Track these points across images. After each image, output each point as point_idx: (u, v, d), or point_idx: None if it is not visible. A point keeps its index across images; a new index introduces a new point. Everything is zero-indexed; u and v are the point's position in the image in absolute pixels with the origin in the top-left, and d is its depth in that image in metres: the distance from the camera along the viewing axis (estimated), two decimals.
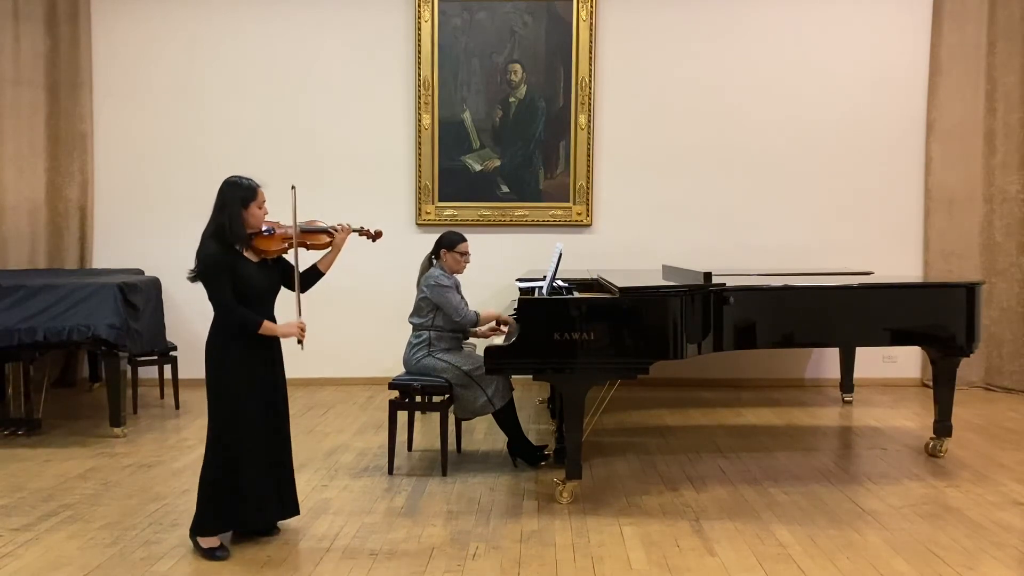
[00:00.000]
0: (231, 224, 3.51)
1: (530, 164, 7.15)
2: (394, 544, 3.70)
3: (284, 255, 3.73)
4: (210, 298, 3.55)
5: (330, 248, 3.83)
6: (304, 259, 3.75)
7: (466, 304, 4.81)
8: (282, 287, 3.76)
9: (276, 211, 3.75)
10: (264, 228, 3.64)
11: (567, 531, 3.86)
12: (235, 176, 3.60)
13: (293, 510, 3.81)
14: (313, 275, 3.87)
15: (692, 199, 7.15)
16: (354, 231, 3.93)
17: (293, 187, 3.74)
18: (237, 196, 3.54)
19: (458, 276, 4.92)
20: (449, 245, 4.87)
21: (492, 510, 4.14)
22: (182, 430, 5.73)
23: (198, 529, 3.59)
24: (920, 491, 4.41)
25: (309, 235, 3.78)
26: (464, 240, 4.91)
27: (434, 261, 4.91)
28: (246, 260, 3.59)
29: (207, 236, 3.54)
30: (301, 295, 3.75)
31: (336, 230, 3.82)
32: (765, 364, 7.16)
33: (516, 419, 4.85)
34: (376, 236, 4.05)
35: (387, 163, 7.17)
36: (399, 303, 6.27)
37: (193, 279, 3.57)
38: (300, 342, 3.70)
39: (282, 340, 3.72)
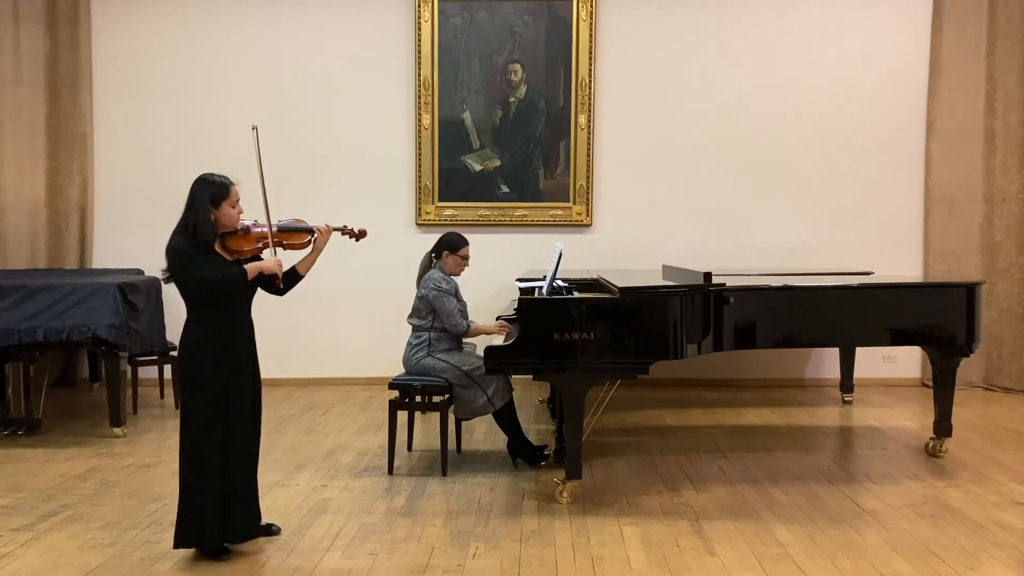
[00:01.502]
0: (199, 223, 3.40)
1: (530, 164, 7.15)
2: (394, 544, 3.70)
3: (260, 255, 3.60)
4: (184, 285, 3.41)
5: (311, 249, 3.68)
6: (284, 259, 3.65)
7: (463, 313, 4.82)
8: (259, 289, 3.63)
9: (255, 209, 3.66)
10: (239, 226, 3.52)
11: (567, 531, 3.85)
12: (208, 173, 3.49)
13: (257, 525, 3.67)
14: (292, 277, 3.69)
15: (692, 199, 7.15)
16: (336, 230, 3.76)
17: (254, 127, 3.54)
18: (207, 194, 3.43)
19: (456, 278, 4.92)
20: (452, 247, 4.87)
21: (492, 510, 4.14)
22: None
23: (178, 538, 3.54)
24: (920, 491, 4.41)
25: (287, 234, 3.63)
26: (467, 244, 4.92)
27: (434, 261, 4.91)
28: (218, 257, 3.49)
29: (175, 233, 3.44)
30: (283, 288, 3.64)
31: (317, 230, 3.66)
32: (765, 364, 7.16)
33: (516, 419, 4.85)
34: (360, 235, 3.88)
35: (387, 163, 7.17)
36: (399, 303, 6.27)
37: (167, 280, 3.48)
38: (278, 279, 3.53)
39: (257, 346, 3.62)
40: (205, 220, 3.42)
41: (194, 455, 3.49)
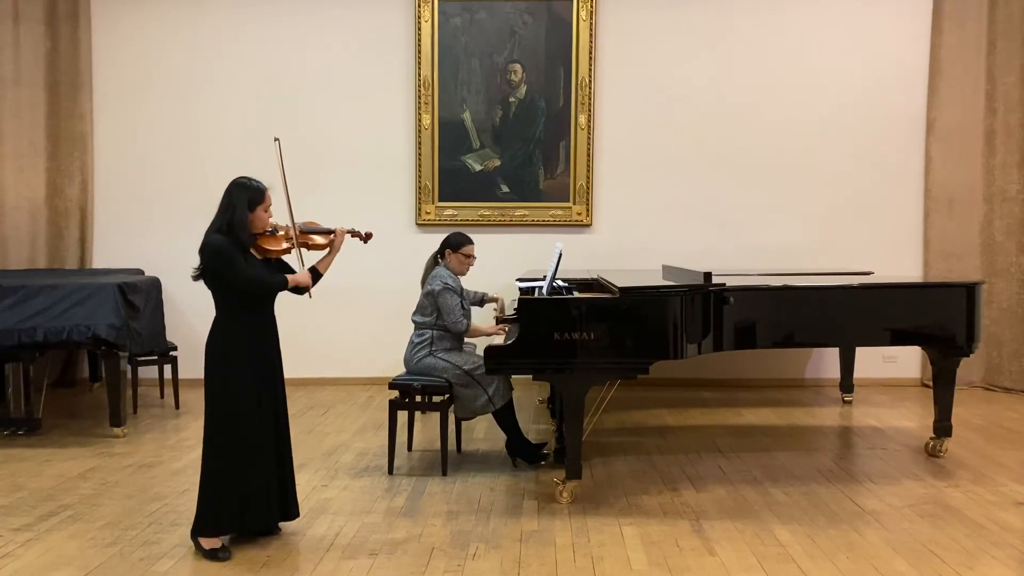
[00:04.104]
0: (237, 225, 3.52)
1: (530, 164, 7.15)
2: (394, 544, 3.70)
3: (284, 257, 3.76)
4: (230, 282, 3.50)
5: (328, 250, 3.85)
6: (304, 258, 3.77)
7: (466, 313, 4.82)
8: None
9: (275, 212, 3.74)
10: (268, 229, 3.66)
11: (567, 531, 3.86)
12: (244, 177, 3.59)
13: (293, 512, 3.81)
14: (313, 277, 3.82)
15: (692, 199, 7.15)
16: (346, 232, 3.92)
17: (276, 139, 3.69)
18: (244, 197, 3.54)
19: (461, 278, 4.93)
20: (455, 246, 4.88)
21: (492, 510, 4.14)
22: (182, 430, 5.73)
23: (199, 529, 3.59)
24: (920, 491, 4.41)
25: (310, 236, 3.82)
26: (471, 243, 4.93)
27: (439, 260, 4.92)
28: (252, 257, 3.61)
29: (211, 232, 3.54)
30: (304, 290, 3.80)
31: (334, 232, 3.84)
32: (765, 364, 7.16)
33: (515, 419, 4.85)
34: (367, 238, 4.05)
35: (387, 163, 7.17)
36: (399, 303, 6.28)
37: (197, 277, 3.57)
38: (308, 290, 3.72)
39: (280, 341, 3.75)
40: (243, 223, 3.53)
41: (226, 445, 3.54)
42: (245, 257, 3.56)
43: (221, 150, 7.05)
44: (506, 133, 7.14)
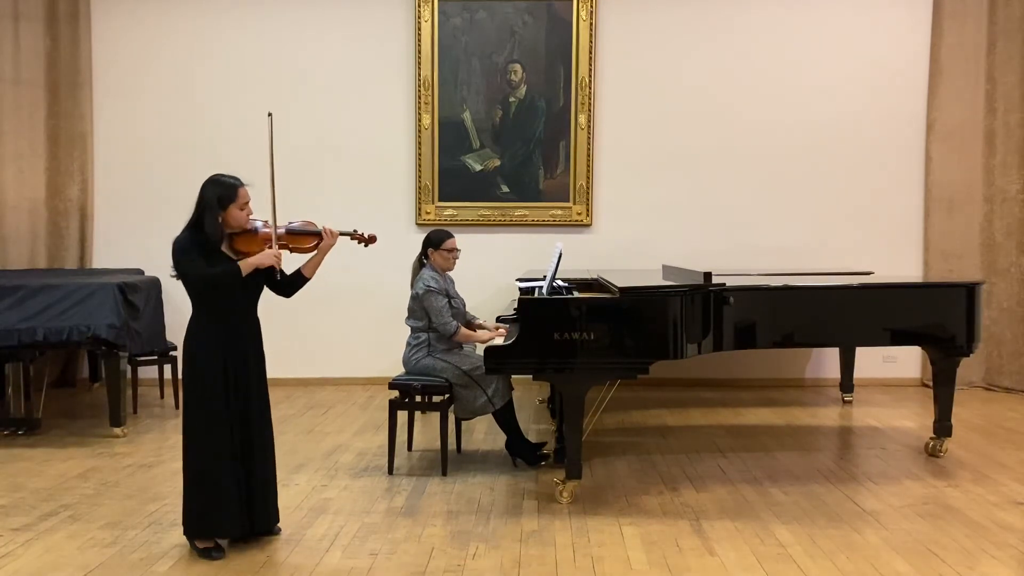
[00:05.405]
0: (207, 224, 3.42)
1: (530, 164, 7.15)
2: (394, 544, 3.70)
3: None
4: (186, 281, 3.44)
5: (315, 252, 3.68)
6: (290, 262, 3.68)
7: (455, 313, 4.81)
8: (265, 287, 3.68)
9: (266, 201, 3.63)
10: (248, 227, 3.53)
11: (567, 531, 3.85)
12: (217, 174, 3.49)
13: (273, 521, 3.73)
14: (297, 280, 3.72)
15: (692, 199, 7.15)
16: (345, 234, 3.74)
17: (270, 114, 3.62)
18: (214, 195, 3.43)
19: (451, 273, 4.95)
20: (436, 244, 4.87)
21: (492, 510, 4.14)
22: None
23: (187, 530, 3.57)
24: (920, 491, 4.41)
25: (294, 237, 3.62)
26: (450, 236, 4.90)
27: (424, 262, 4.91)
28: (223, 255, 3.50)
29: (183, 230, 3.48)
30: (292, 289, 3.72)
31: (325, 233, 3.65)
32: (765, 364, 7.16)
33: (515, 419, 4.85)
34: (369, 241, 3.83)
35: (387, 163, 7.17)
36: (399, 303, 6.24)
37: (175, 276, 3.52)
38: (277, 270, 3.59)
39: (264, 344, 3.66)
40: (212, 221, 3.44)
41: (195, 448, 3.52)
42: (211, 256, 3.44)
43: (221, 150, 7.04)
44: (506, 133, 7.14)
